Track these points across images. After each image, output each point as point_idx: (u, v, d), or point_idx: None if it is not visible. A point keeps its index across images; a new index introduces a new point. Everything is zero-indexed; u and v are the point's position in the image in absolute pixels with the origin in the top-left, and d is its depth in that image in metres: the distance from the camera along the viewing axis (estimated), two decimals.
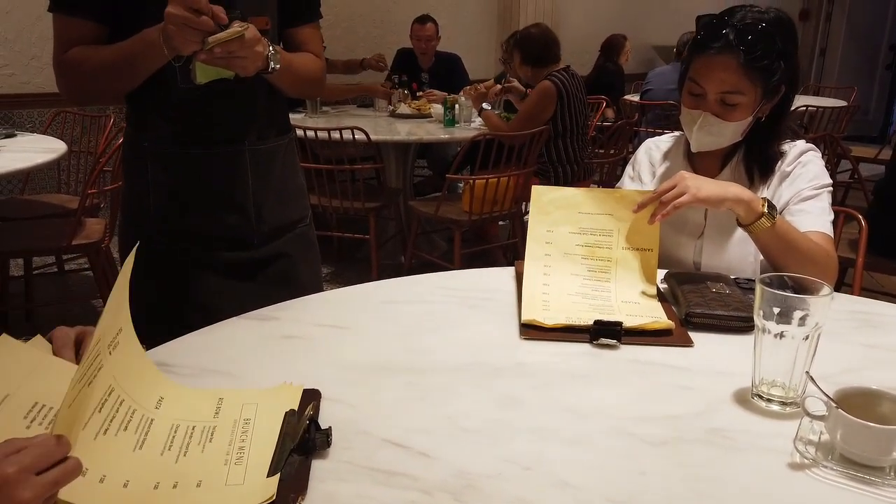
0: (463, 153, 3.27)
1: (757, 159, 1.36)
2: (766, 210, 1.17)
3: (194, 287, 1.37)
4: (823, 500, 0.69)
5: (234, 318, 1.11)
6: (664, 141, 1.52)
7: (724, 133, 1.31)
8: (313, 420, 0.77)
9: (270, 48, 1.23)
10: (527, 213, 3.87)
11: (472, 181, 3.13)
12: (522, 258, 1.24)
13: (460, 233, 3.23)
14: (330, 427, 0.77)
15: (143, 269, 1.40)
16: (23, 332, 2.87)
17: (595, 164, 4.03)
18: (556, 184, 3.58)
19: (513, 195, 3.24)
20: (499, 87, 3.56)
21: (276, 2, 1.35)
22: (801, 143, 1.37)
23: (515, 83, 3.70)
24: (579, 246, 1.22)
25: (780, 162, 1.35)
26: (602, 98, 4.81)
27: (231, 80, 1.21)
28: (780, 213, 1.32)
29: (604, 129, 4.43)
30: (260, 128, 1.36)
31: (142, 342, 0.80)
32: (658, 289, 1.21)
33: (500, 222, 3.74)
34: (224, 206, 1.36)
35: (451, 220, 3.21)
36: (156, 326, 1.21)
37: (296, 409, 0.80)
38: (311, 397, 0.83)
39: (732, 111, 1.28)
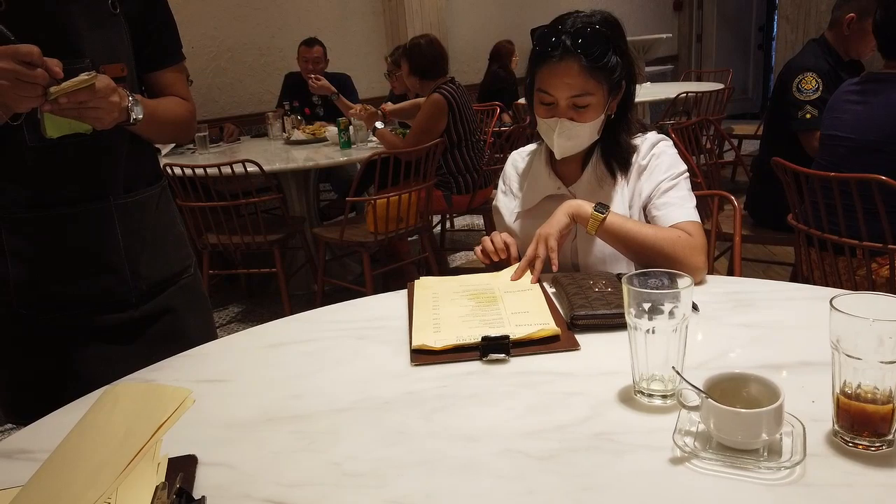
0: (360, 174, 3.25)
1: (613, 153, 1.40)
2: (593, 210, 1.28)
3: (72, 359, 1.27)
4: (703, 492, 0.70)
5: (108, 386, 1.03)
6: (527, 151, 1.55)
7: (582, 135, 1.35)
8: (184, 491, 0.72)
9: (130, 98, 1.17)
10: (436, 225, 3.89)
11: (373, 201, 3.10)
12: (435, 271, 1.26)
13: (368, 255, 3.20)
14: (203, 497, 0.72)
15: (12, 345, 1.30)
16: None
17: (497, 171, 4.08)
18: (459, 193, 3.60)
19: (416, 210, 3.24)
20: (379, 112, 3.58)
21: (130, 47, 1.27)
22: (651, 136, 1.41)
23: (389, 105, 3.75)
24: (465, 298, 1.25)
25: (635, 155, 1.40)
26: (496, 104, 4.89)
27: (88, 134, 1.14)
28: (645, 206, 1.37)
29: (502, 135, 4.50)
30: (126, 179, 1.29)
31: (16, 424, 0.73)
32: (547, 294, 1.22)
33: (410, 238, 3.73)
34: (95, 268, 1.27)
35: (357, 242, 3.17)
36: (33, 408, 1.11)
37: (164, 481, 0.75)
38: (183, 466, 0.78)
39: (585, 112, 1.32)
